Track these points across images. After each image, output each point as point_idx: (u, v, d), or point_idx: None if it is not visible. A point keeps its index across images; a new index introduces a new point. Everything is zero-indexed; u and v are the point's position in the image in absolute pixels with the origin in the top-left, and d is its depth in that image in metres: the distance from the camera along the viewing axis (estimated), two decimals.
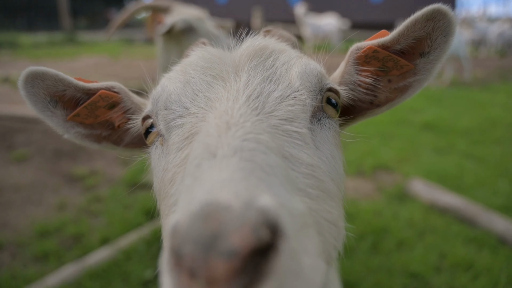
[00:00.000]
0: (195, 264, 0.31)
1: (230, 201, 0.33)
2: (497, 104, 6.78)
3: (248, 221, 0.31)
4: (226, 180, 0.38)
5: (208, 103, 0.58)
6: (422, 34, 0.65)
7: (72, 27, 17.86)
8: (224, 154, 0.43)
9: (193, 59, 0.68)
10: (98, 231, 2.87)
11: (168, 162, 0.60)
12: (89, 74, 8.61)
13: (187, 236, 0.32)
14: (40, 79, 0.70)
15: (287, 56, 0.66)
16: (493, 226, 2.78)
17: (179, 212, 0.37)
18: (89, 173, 3.87)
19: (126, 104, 0.77)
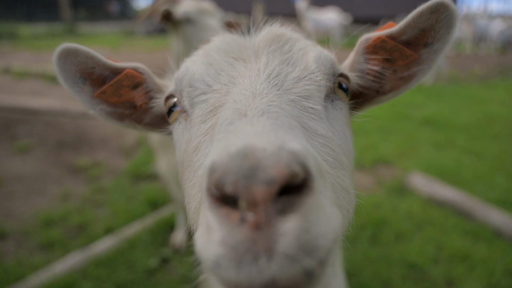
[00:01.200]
0: (238, 190, 0.35)
1: (265, 144, 0.38)
2: (496, 100, 6.83)
3: (281, 158, 0.36)
4: (259, 131, 0.43)
5: (231, 80, 0.64)
6: (427, 26, 0.70)
7: (72, 18, 17.74)
8: (254, 114, 0.49)
9: (215, 44, 0.74)
10: (102, 221, 2.92)
11: (192, 133, 0.65)
12: None
13: (228, 169, 0.36)
14: (73, 56, 0.74)
15: (303, 43, 0.72)
16: (490, 219, 2.84)
17: (215, 154, 0.41)
18: (92, 164, 3.91)
19: (149, 85, 0.81)
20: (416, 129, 5.19)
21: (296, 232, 0.35)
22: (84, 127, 5.01)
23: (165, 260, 2.53)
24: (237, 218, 0.36)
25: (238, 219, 0.36)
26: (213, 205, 0.39)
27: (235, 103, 0.54)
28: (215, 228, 0.38)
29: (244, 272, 0.35)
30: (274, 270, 0.35)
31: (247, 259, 0.35)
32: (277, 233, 0.35)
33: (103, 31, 18.81)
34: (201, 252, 0.40)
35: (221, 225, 0.37)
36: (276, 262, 0.35)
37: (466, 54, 13.05)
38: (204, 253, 0.39)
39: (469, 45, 14.24)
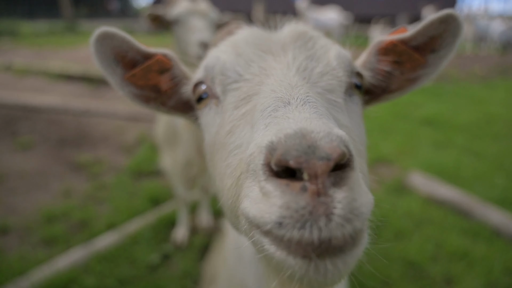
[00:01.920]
0: (301, 164, 0.42)
1: (316, 128, 0.46)
2: (496, 100, 6.85)
3: (333, 141, 0.44)
4: (308, 117, 0.50)
5: (262, 71, 0.68)
6: (435, 34, 0.77)
7: (72, 16, 17.73)
8: (297, 103, 0.55)
9: (242, 36, 0.78)
10: (104, 217, 2.94)
11: (224, 118, 0.69)
12: (92, 64, 8.61)
13: (290, 147, 0.43)
14: (110, 39, 0.78)
15: (324, 41, 0.77)
16: (489, 218, 2.86)
17: (270, 135, 0.47)
18: (94, 161, 3.93)
19: (175, 71, 0.85)
20: (416, 128, 5.21)
21: (347, 200, 0.42)
22: (86, 124, 5.03)
23: (166, 256, 2.55)
24: (298, 187, 0.42)
25: (300, 188, 0.42)
26: (272, 177, 0.45)
27: (275, 93, 0.59)
28: (276, 195, 0.43)
29: (307, 231, 0.41)
30: (331, 230, 0.41)
31: (309, 221, 0.41)
32: (333, 200, 0.42)
33: None
34: (257, 216, 0.45)
35: (283, 193, 0.43)
36: (333, 223, 0.41)
37: (467, 54, 13.06)
38: (263, 216, 0.44)
39: (469, 45, 14.25)
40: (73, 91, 6.73)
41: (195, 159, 2.40)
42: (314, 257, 0.42)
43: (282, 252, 0.44)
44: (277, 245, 0.44)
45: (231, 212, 0.64)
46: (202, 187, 2.90)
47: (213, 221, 2.96)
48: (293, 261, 0.43)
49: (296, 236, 0.41)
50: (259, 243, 0.47)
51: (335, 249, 0.42)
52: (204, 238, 2.77)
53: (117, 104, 6.05)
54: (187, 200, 2.76)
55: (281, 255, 0.44)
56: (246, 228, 0.52)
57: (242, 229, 0.59)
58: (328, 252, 0.42)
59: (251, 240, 0.50)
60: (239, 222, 0.59)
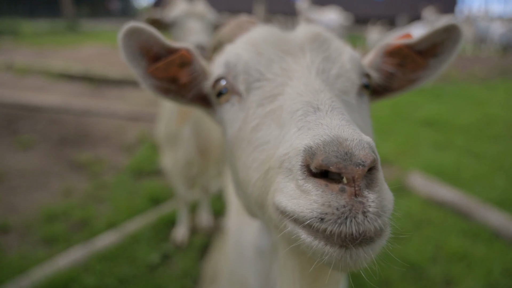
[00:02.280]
0: (340, 170, 0.47)
1: (349, 136, 0.51)
2: (496, 101, 6.85)
3: (365, 148, 0.49)
4: (339, 124, 0.54)
5: (284, 72, 0.72)
6: (438, 41, 0.85)
7: (74, 15, 17.74)
8: (326, 109, 0.60)
9: (261, 35, 0.81)
10: (104, 216, 2.94)
11: (248, 114, 0.72)
12: (93, 63, 8.62)
13: (330, 154, 0.48)
14: (138, 34, 0.81)
15: (337, 43, 0.81)
16: (488, 220, 2.86)
17: (307, 139, 0.52)
18: (94, 161, 3.93)
19: (195, 65, 0.88)
20: (416, 129, 5.22)
21: (379, 200, 0.49)
22: (86, 124, 5.04)
23: (166, 255, 2.55)
24: (337, 188, 0.48)
25: (339, 189, 0.48)
26: (311, 177, 0.50)
27: (302, 96, 0.63)
28: (317, 194, 0.49)
29: (347, 226, 0.47)
30: (366, 224, 0.48)
31: (349, 217, 0.47)
32: (368, 200, 0.48)
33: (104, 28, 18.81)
34: (296, 211, 0.51)
35: (324, 192, 0.49)
36: (368, 219, 0.48)
37: (467, 56, 13.06)
38: (303, 211, 0.50)
39: (469, 47, 14.26)
40: (74, 91, 6.73)
41: (196, 159, 2.40)
42: (351, 247, 0.49)
43: (319, 242, 0.50)
44: (314, 236, 0.50)
45: (256, 202, 0.68)
46: (202, 187, 2.90)
47: (213, 221, 2.96)
48: (331, 249, 0.49)
49: (337, 230, 0.47)
50: (294, 233, 0.53)
51: (367, 239, 0.49)
52: (204, 237, 2.77)
53: (117, 103, 6.06)
54: (187, 199, 2.77)
55: (319, 244, 0.50)
56: (276, 218, 0.57)
57: (267, 218, 0.65)
58: (361, 242, 0.49)
59: (282, 230, 0.56)
60: (265, 212, 0.64)
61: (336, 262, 0.50)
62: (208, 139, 2.46)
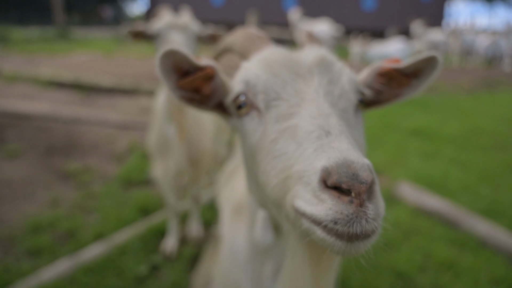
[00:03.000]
0: (349, 187, 0.62)
1: (355, 159, 0.65)
2: (482, 112, 7.01)
3: (366, 169, 0.64)
4: (347, 148, 0.69)
5: (296, 94, 0.85)
6: (420, 67, 1.02)
7: (65, 22, 17.66)
8: (336, 133, 0.73)
9: (275, 57, 0.94)
10: (92, 227, 2.90)
11: (267, 128, 0.85)
12: (83, 71, 8.57)
13: (341, 174, 0.63)
14: (173, 55, 0.97)
15: (338, 65, 0.94)
16: (475, 229, 2.90)
17: (323, 161, 0.66)
18: (83, 170, 3.89)
19: (217, 80, 1.03)
20: (405, 139, 5.29)
21: (376, 208, 0.64)
22: (75, 132, 4.99)
23: (155, 267, 2.52)
24: (347, 200, 0.62)
25: (348, 200, 0.62)
26: (326, 189, 0.64)
27: (315, 119, 0.77)
28: (331, 203, 0.63)
29: (353, 228, 0.62)
30: (367, 226, 0.62)
31: (355, 221, 0.62)
32: (368, 209, 0.63)
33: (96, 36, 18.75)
34: (314, 214, 0.65)
35: (337, 202, 0.63)
36: (368, 222, 0.62)
37: (454, 68, 13.37)
38: (320, 215, 0.64)
39: (456, 59, 14.61)
40: (63, 99, 6.67)
41: (187, 169, 2.40)
42: (355, 241, 0.64)
43: (331, 238, 0.64)
44: (328, 232, 0.64)
45: (274, 201, 0.82)
46: (193, 197, 2.89)
47: (203, 231, 2.94)
48: (340, 243, 0.64)
49: (346, 230, 0.62)
50: (310, 229, 0.67)
51: (366, 236, 0.63)
52: (193, 248, 2.75)
53: (108, 112, 6.02)
54: (177, 210, 2.75)
55: (331, 239, 0.64)
56: (294, 217, 0.72)
57: (283, 215, 0.79)
58: (362, 238, 0.63)
59: (299, 226, 0.71)
60: (281, 210, 0.79)
61: (342, 251, 0.66)
62: (199, 149, 2.46)
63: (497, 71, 12.99)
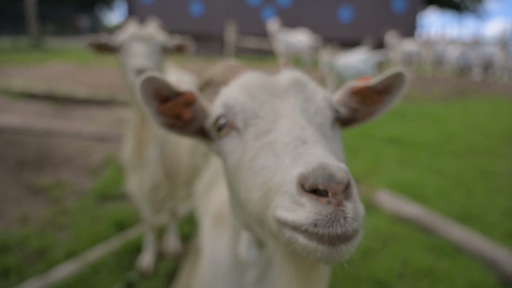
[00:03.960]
0: (326, 187, 0.63)
1: (331, 162, 0.66)
2: (454, 120, 7.27)
3: (342, 171, 0.65)
4: (323, 154, 0.71)
5: (274, 111, 0.89)
6: (389, 83, 1.08)
7: (39, 32, 17.20)
8: (312, 142, 0.76)
9: (253, 81, 0.98)
10: (63, 244, 2.77)
11: (246, 146, 0.88)
12: (57, 82, 8.32)
13: (317, 176, 0.64)
14: (152, 81, 0.99)
15: (312, 85, 0.99)
16: (450, 234, 2.97)
17: (300, 167, 0.68)
18: (55, 185, 3.73)
19: (197, 105, 1.07)
20: (382, 147, 5.40)
21: (354, 208, 0.64)
22: (48, 145, 4.80)
23: (130, 285, 2.43)
24: (325, 201, 0.63)
25: (326, 201, 0.63)
26: (305, 193, 0.65)
27: (291, 132, 0.80)
28: (310, 206, 0.64)
29: (333, 228, 0.63)
30: (346, 226, 0.63)
31: (334, 221, 0.63)
32: (346, 208, 0.63)
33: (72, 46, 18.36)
34: (295, 219, 0.65)
35: (316, 205, 0.64)
36: (348, 222, 0.63)
37: (427, 77, 13.86)
38: (300, 219, 0.64)
39: (429, 68, 15.16)
40: (36, 110, 6.44)
41: (163, 182, 2.34)
42: (337, 243, 0.63)
43: (313, 242, 0.64)
44: (309, 238, 0.65)
45: (256, 218, 0.82)
46: (170, 211, 2.82)
47: (181, 246, 2.87)
48: (322, 247, 0.64)
49: (327, 231, 0.62)
50: (292, 237, 0.68)
51: (347, 238, 0.63)
52: (171, 263, 2.67)
53: (83, 123, 5.85)
54: (153, 224, 2.67)
55: (313, 244, 0.64)
56: (276, 229, 0.72)
57: (266, 230, 0.80)
58: (343, 240, 0.63)
59: (281, 237, 0.71)
60: (264, 225, 0.79)
61: (325, 257, 0.65)
62: (175, 161, 2.41)
63: (468, 80, 13.57)
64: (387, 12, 19.77)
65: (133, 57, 1.97)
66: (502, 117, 7.52)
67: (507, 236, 3.05)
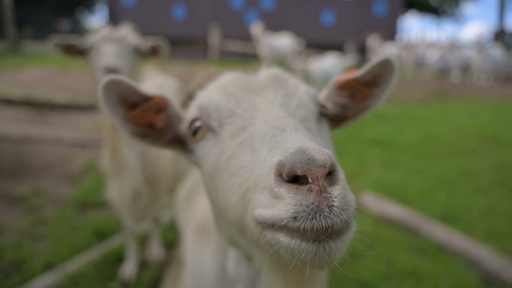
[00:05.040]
0: (305, 172, 0.55)
1: (311, 146, 0.59)
2: (435, 121, 7.43)
3: (324, 154, 0.57)
4: (302, 139, 0.64)
5: (251, 107, 0.82)
6: (378, 73, 1.01)
7: (16, 36, 16.73)
8: (291, 129, 0.69)
9: (229, 80, 0.93)
10: (41, 256, 2.66)
11: (223, 147, 0.81)
12: (36, 87, 8.08)
13: (295, 161, 0.56)
14: (116, 85, 0.90)
15: (293, 81, 0.93)
16: (433, 235, 3.01)
17: (278, 155, 0.60)
18: (32, 193, 3.60)
19: (169, 111, 0.98)
20: (366, 149, 5.46)
21: (341, 195, 0.56)
22: (25, 152, 4.64)
23: None
24: (306, 188, 0.55)
25: (307, 189, 0.55)
26: (284, 184, 0.57)
27: (269, 123, 0.73)
28: (289, 197, 0.56)
29: (317, 220, 0.54)
30: (333, 217, 0.54)
31: (317, 212, 0.54)
32: (331, 196, 0.55)
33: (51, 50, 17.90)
34: (273, 215, 0.57)
35: (295, 194, 0.55)
36: (334, 212, 0.54)
37: (408, 80, 14.18)
38: (280, 214, 0.56)
39: (410, 71, 15.52)
40: (12, 117, 6.23)
41: (144, 190, 2.28)
42: (323, 239, 0.54)
43: (296, 240, 0.55)
44: (291, 235, 0.56)
45: (237, 225, 0.74)
46: (152, 218, 2.75)
47: (165, 254, 2.80)
48: (306, 245, 0.55)
49: (310, 225, 0.53)
50: (273, 238, 0.59)
51: (336, 232, 0.55)
52: (154, 272, 2.60)
53: (62, 129, 5.69)
54: (135, 232, 2.60)
55: (296, 242, 0.55)
56: (257, 232, 0.63)
57: (248, 238, 0.71)
58: (331, 235, 0.55)
59: (262, 240, 0.62)
60: (245, 232, 0.70)
61: (312, 258, 0.55)
62: (157, 168, 2.35)
63: (447, 82, 13.94)
64: (369, 16, 20.15)
65: (102, 56, 1.90)
66: (480, 118, 7.74)
67: (487, 235, 3.11)
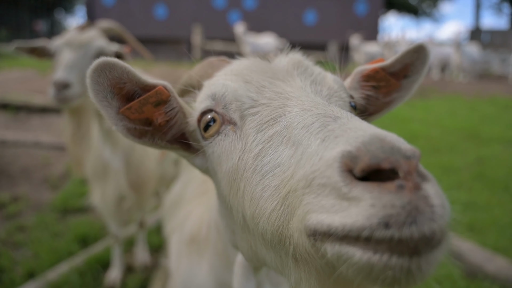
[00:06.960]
0: (393, 164, 0.42)
1: (388, 133, 0.48)
2: (417, 119, 7.59)
3: (405, 143, 0.46)
4: (370, 126, 0.52)
5: (279, 95, 0.69)
6: (408, 61, 0.89)
7: None
8: (345, 117, 0.57)
9: (244, 65, 0.80)
10: (22, 264, 2.56)
11: (247, 142, 0.67)
12: (11, 90, 7.81)
13: (375, 151, 0.44)
14: (109, 70, 0.72)
15: (318, 68, 0.82)
16: None
17: (341, 146, 0.48)
18: (11, 200, 3.47)
19: (172, 103, 0.81)
20: None
21: (439, 193, 0.43)
22: (3, 157, 4.47)
23: None
24: (394, 186, 0.42)
25: (395, 187, 0.41)
26: (358, 182, 0.44)
27: (311, 111, 0.60)
28: (370, 197, 0.42)
29: (421, 223, 0.40)
30: (439, 219, 0.41)
31: (416, 215, 0.40)
32: (427, 194, 0.42)
33: None
34: (348, 224, 0.43)
35: (380, 193, 0.42)
36: (436, 214, 0.41)
37: None
38: (357, 221, 0.42)
39: None
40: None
41: (128, 194, 2.22)
42: (424, 252, 0.40)
43: (383, 255, 0.41)
44: (375, 250, 0.41)
45: (272, 238, 0.60)
46: (138, 222, 2.69)
47: (150, 258, 2.75)
48: (400, 261, 0.40)
49: (408, 233, 0.40)
50: (340, 253, 0.44)
51: (436, 240, 0.41)
52: (140, 277, 2.54)
53: (40, 133, 5.52)
54: (120, 237, 2.53)
55: (382, 258, 0.41)
56: (305, 245, 0.50)
57: (290, 252, 0.56)
58: (433, 244, 0.41)
59: (319, 259, 0.49)
60: (284, 244, 0.57)
61: (397, 276, 0.41)
62: (141, 171, 2.30)
63: (428, 79, 14.27)
64: (351, 15, 20.43)
65: (57, 67, 1.83)
66: (459, 115, 7.95)
67: (468, 229, 3.19)
